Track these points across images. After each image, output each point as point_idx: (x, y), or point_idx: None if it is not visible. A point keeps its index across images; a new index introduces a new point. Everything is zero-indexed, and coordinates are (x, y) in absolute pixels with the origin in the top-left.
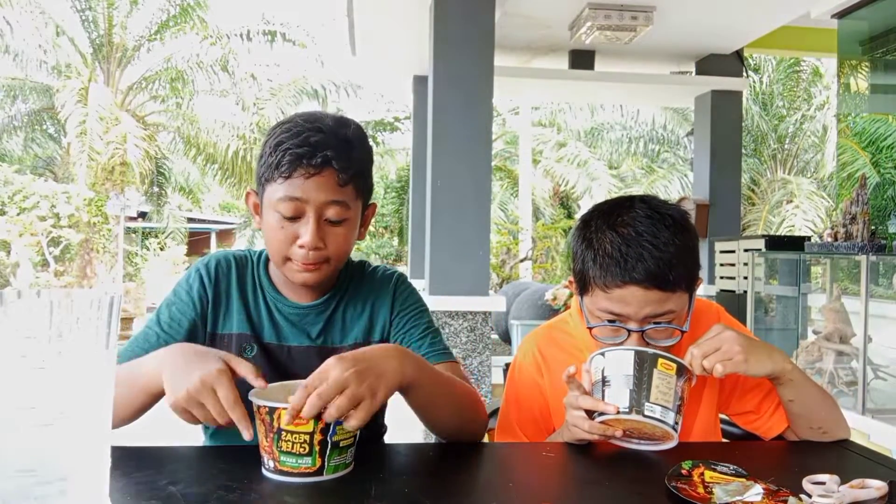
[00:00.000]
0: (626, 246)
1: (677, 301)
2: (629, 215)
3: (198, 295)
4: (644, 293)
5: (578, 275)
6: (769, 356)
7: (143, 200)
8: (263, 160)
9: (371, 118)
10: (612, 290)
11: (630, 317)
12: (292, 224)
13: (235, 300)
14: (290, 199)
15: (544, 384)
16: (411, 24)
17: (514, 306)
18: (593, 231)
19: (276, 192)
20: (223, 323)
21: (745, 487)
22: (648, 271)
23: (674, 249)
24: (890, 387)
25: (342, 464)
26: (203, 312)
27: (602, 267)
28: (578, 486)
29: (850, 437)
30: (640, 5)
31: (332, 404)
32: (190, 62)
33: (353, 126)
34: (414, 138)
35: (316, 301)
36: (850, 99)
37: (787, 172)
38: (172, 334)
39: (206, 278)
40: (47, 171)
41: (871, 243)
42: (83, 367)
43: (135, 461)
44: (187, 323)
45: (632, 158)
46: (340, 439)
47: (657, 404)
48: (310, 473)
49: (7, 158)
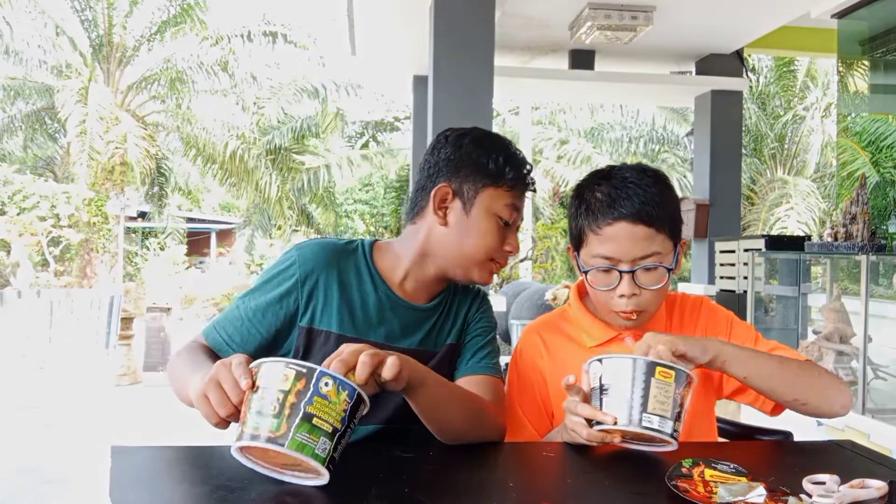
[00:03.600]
0: (614, 190)
1: (662, 244)
2: (615, 170)
3: (291, 287)
4: (632, 228)
5: (574, 231)
6: (700, 346)
7: (143, 200)
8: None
9: (371, 118)
10: (603, 229)
11: (621, 259)
12: (508, 229)
13: (336, 296)
14: (512, 207)
15: (544, 365)
16: (411, 24)
17: (514, 306)
18: (584, 189)
19: (503, 197)
20: (321, 318)
21: (750, 488)
22: (634, 207)
23: (656, 191)
24: (890, 387)
25: (309, 447)
26: (295, 307)
27: (593, 211)
28: (578, 486)
29: (846, 412)
30: (640, 5)
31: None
32: (190, 62)
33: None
34: (414, 138)
35: (433, 302)
36: (850, 99)
37: (787, 172)
38: (256, 324)
39: (303, 271)
40: (47, 171)
41: (871, 243)
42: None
43: (135, 461)
44: (273, 316)
45: (632, 158)
46: (315, 414)
47: (655, 414)
48: (272, 438)
49: (7, 158)
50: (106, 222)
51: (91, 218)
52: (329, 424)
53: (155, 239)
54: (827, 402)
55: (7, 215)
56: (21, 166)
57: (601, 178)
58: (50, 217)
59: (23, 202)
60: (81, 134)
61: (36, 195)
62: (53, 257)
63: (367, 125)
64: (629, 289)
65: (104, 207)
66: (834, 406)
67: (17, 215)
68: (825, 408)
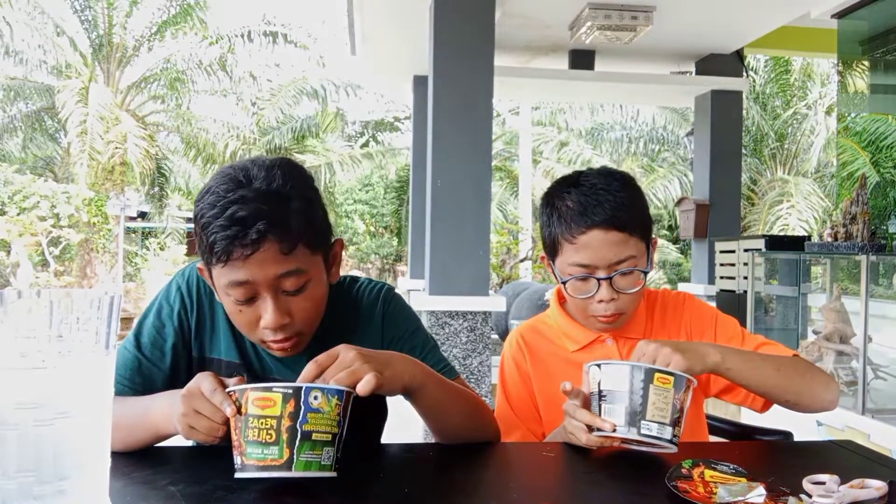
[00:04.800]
0: (584, 197)
1: (636, 247)
2: (583, 177)
3: (178, 318)
4: (605, 235)
5: (548, 240)
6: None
7: (143, 200)
8: (197, 241)
9: (371, 118)
10: (578, 237)
11: (597, 266)
12: (250, 306)
13: (222, 322)
14: (236, 284)
15: (528, 368)
16: (411, 24)
17: (513, 306)
18: (554, 197)
19: (220, 276)
20: (210, 346)
21: (750, 488)
22: (606, 214)
23: (625, 195)
24: (890, 387)
25: (315, 462)
26: (186, 337)
27: (566, 220)
28: (578, 486)
29: (835, 407)
30: (640, 5)
31: (329, 371)
32: (190, 62)
33: (283, 169)
34: (414, 138)
35: (301, 351)
36: (850, 99)
37: (787, 172)
38: (155, 361)
39: (188, 299)
40: (47, 171)
41: (871, 243)
42: (83, 367)
43: (135, 461)
44: (169, 349)
45: (631, 158)
46: (313, 430)
47: (654, 422)
48: (276, 467)
49: (7, 158)
50: (106, 222)
51: (91, 218)
52: (328, 433)
53: (155, 239)
54: (817, 399)
55: (7, 215)
56: (21, 166)
57: (570, 185)
58: (50, 217)
59: (23, 202)
60: (81, 134)
61: (36, 195)
62: (53, 257)
63: (367, 125)
64: (608, 294)
65: (104, 207)
66: (823, 402)
67: (17, 215)
68: (815, 405)
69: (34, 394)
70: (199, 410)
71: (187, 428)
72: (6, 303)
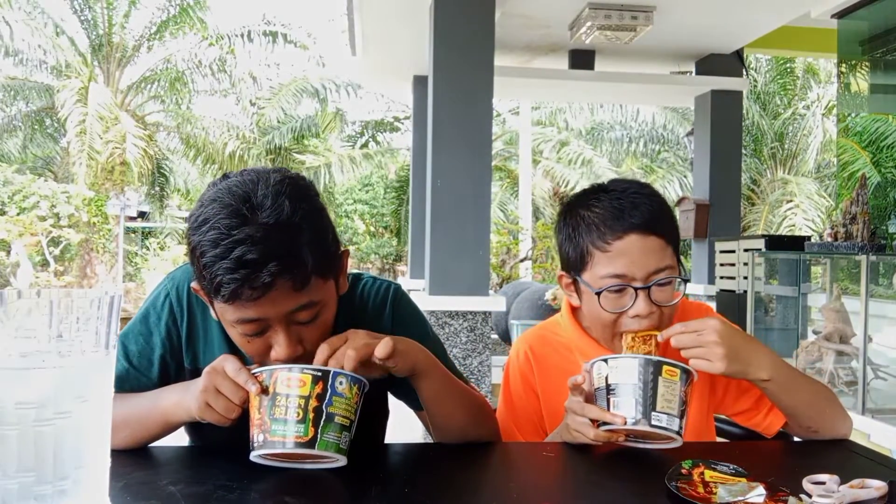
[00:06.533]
0: (618, 200)
1: (672, 258)
2: (612, 183)
3: (167, 330)
4: (643, 241)
5: (572, 255)
6: (748, 364)
7: (143, 200)
8: (196, 274)
9: (371, 118)
10: (613, 244)
11: (634, 276)
12: (260, 337)
13: (215, 331)
14: (245, 321)
15: (535, 382)
16: (411, 24)
17: (513, 306)
18: (578, 207)
19: (226, 312)
20: (204, 357)
21: (750, 488)
22: (644, 217)
23: (659, 202)
24: (890, 387)
25: (335, 444)
26: (175, 347)
27: (597, 227)
28: (578, 486)
29: (850, 436)
30: (640, 5)
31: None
32: (189, 62)
33: (290, 195)
34: (414, 138)
35: None
36: (850, 99)
37: (787, 172)
38: (143, 371)
39: (178, 310)
40: (47, 171)
41: (871, 243)
42: (83, 366)
43: (135, 461)
44: (157, 360)
45: (631, 158)
46: (336, 413)
47: (663, 412)
48: (301, 443)
49: (7, 158)
50: (106, 222)
51: (91, 218)
52: (347, 419)
53: (155, 239)
54: (834, 431)
55: (7, 215)
56: (21, 166)
57: (598, 192)
58: (50, 217)
59: (23, 202)
60: (81, 134)
61: (36, 195)
62: (53, 257)
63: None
64: (646, 308)
65: (104, 207)
66: (837, 434)
67: (17, 215)
68: (829, 435)
69: (34, 393)
70: (220, 389)
71: (204, 405)
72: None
